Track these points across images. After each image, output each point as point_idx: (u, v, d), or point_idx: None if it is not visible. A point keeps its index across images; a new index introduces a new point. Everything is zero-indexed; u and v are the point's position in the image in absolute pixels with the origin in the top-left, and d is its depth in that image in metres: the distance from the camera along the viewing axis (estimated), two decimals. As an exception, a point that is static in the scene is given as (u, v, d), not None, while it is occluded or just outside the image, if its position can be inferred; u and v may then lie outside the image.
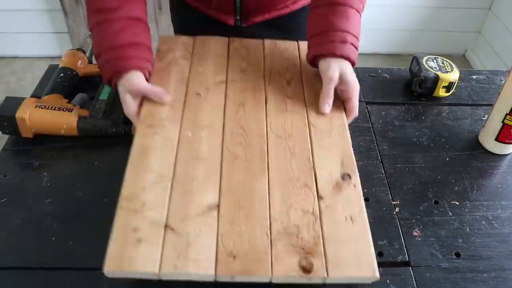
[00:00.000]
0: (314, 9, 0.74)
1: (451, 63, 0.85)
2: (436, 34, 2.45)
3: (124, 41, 0.67)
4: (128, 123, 0.71)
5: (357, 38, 0.70)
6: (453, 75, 0.82)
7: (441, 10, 2.36)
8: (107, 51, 0.67)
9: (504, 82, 0.70)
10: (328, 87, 0.67)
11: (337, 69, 0.67)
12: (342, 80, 0.68)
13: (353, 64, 0.69)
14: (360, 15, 0.72)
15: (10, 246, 0.57)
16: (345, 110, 0.68)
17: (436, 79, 0.82)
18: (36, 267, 0.55)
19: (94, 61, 0.90)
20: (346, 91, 0.68)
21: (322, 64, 0.69)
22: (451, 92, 0.85)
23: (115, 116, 0.73)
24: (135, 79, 0.67)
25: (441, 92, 0.84)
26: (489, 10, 2.36)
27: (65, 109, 0.72)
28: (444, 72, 0.82)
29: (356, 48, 0.69)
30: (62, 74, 0.80)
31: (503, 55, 2.25)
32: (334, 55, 0.68)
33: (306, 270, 0.49)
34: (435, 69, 0.83)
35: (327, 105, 0.67)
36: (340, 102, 0.69)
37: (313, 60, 0.71)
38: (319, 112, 0.67)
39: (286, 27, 0.94)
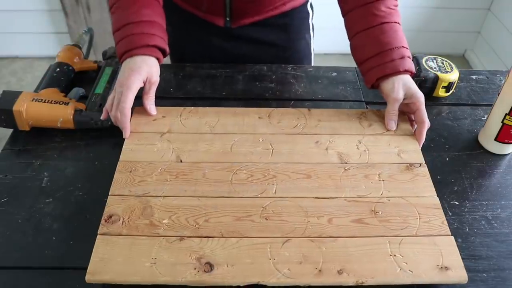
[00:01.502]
0: (357, 34, 0.75)
1: (450, 63, 0.85)
2: (435, 34, 2.45)
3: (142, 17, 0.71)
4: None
5: (408, 49, 0.73)
6: (453, 75, 0.82)
7: (441, 10, 2.36)
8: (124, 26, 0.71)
9: (504, 82, 0.70)
10: (393, 107, 0.71)
11: (401, 88, 0.70)
12: (407, 94, 0.71)
13: (412, 74, 0.72)
14: (401, 26, 0.74)
15: (10, 246, 0.57)
16: (416, 122, 0.71)
17: (436, 79, 0.82)
18: (36, 267, 0.55)
19: (89, 57, 0.91)
20: (413, 103, 0.71)
21: (385, 85, 0.72)
22: (450, 92, 0.85)
23: None
24: (155, 65, 0.72)
25: (441, 92, 0.84)
26: (488, 11, 2.36)
27: (61, 103, 0.73)
28: (443, 72, 0.82)
29: (411, 59, 0.72)
30: (58, 69, 0.81)
31: (502, 55, 2.25)
32: (398, 72, 0.70)
33: None
34: (434, 69, 0.83)
35: (393, 122, 0.72)
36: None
37: (374, 83, 0.73)
38: None
39: (275, 27, 0.94)
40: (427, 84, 0.82)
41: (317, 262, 0.53)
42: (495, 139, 0.73)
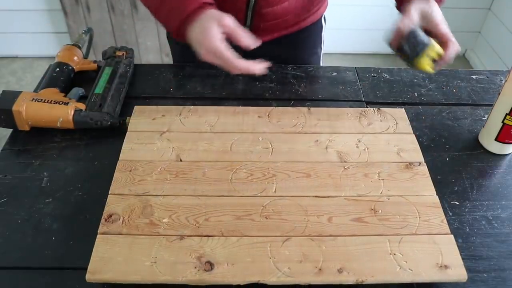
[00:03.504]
0: None
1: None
2: (436, 34, 2.45)
3: None
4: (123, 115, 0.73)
5: None
6: (442, 52, 0.75)
7: (441, 10, 2.36)
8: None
9: (504, 82, 0.70)
10: (404, 22, 0.71)
11: (416, 11, 0.71)
12: (425, 18, 0.72)
13: (439, 3, 0.74)
14: None
15: (10, 246, 0.57)
16: (446, 48, 0.72)
17: (428, 42, 0.74)
18: (36, 267, 0.55)
19: (89, 57, 0.91)
20: (433, 26, 0.72)
21: (405, 7, 0.73)
22: (433, 70, 0.77)
23: (110, 109, 0.74)
24: (216, 11, 0.65)
25: (424, 63, 0.75)
26: (489, 10, 2.36)
27: (61, 102, 0.73)
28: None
29: None
30: (58, 69, 0.81)
31: (503, 55, 2.25)
32: None
33: None
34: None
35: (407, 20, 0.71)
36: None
37: (400, 6, 0.75)
38: None
39: (291, 44, 0.92)
40: (418, 46, 0.74)
41: (317, 261, 0.53)
42: (496, 139, 0.73)
